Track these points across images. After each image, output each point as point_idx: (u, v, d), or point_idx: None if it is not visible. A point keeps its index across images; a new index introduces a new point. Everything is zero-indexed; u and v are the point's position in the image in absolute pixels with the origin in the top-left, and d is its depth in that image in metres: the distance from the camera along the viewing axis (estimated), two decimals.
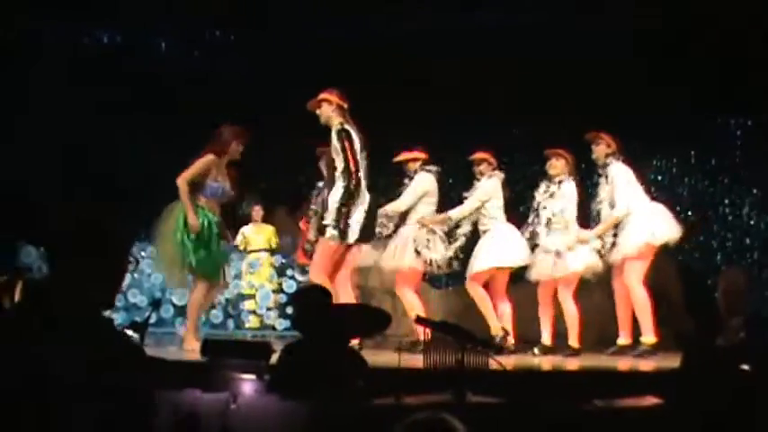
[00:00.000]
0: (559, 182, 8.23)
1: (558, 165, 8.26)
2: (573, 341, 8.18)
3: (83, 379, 2.12)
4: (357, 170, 7.39)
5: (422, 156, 8.49)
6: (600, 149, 8.21)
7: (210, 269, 7.75)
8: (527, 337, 9.33)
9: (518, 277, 8.75)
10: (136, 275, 10.01)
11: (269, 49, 11.25)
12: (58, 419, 2.11)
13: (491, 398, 4.96)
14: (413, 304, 8.21)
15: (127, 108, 10.58)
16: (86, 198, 9.63)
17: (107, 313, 2.45)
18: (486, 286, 8.43)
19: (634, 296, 8.00)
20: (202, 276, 7.78)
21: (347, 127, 7.47)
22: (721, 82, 9.83)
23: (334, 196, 7.42)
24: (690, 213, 10.67)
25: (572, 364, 7.63)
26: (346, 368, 4.96)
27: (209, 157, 7.71)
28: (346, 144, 7.38)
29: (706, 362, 4.54)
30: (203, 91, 10.96)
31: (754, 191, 10.77)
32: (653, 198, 8.62)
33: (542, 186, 8.34)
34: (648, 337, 7.96)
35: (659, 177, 11.07)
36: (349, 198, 7.38)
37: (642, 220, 8.05)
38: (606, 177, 8.20)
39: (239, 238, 10.60)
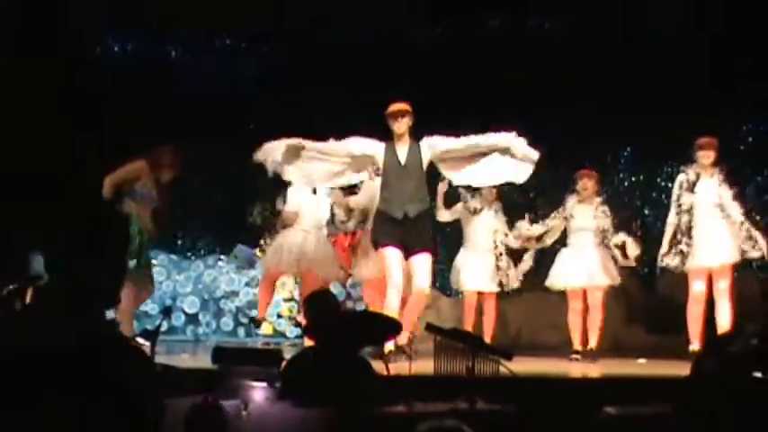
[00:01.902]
0: (601, 201, 8.64)
1: (589, 185, 8.60)
2: (594, 343, 8.52)
3: (81, 380, 2.12)
4: None
5: None
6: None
7: (134, 276, 7.76)
8: (536, 344, 9.36)
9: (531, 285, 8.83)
10: None
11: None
12: (62, 420, 2.11)
13: (501, 405, 4.95)
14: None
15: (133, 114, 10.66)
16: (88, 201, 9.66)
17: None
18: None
19: (726, 304, 8.06)
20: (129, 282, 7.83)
21: None
22: None
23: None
24: None
25: (583, 370, 7.62)
26: (357, 375, 4.96)
27: (141, 163, 7.77)
28: None
29: (717, 369, 4.52)
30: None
31: None
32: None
33: (579, 207, 8.61)
34: None
35: (669, 184, 11.06)
36: None
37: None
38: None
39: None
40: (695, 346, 8.16)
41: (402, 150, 7.53)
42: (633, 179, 11.23)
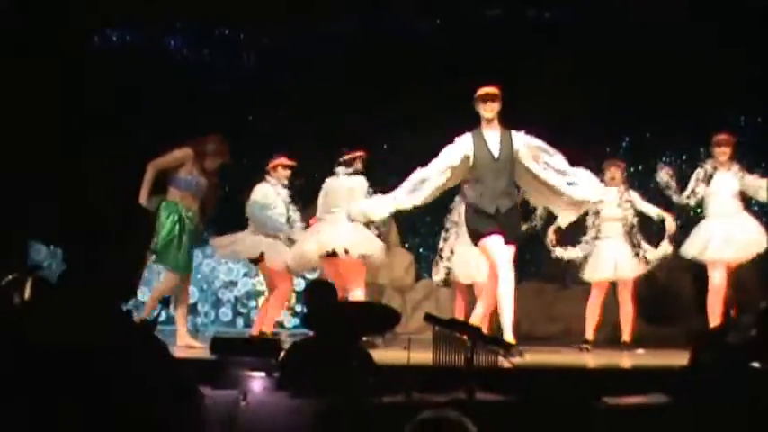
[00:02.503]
0: (626, 190, 8.70)
1: (617, 175, 8.67)
2: (626, 336, 8.56)
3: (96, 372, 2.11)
4: None
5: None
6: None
7: (175, 262, 7.73)
8: (534, 335, 9.35)
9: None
10: (145, 273, 10.04)
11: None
12: (71, 416, 2.11)
13: (500, 396, 4.96)
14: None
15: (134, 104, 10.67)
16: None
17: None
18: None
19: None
20: (169, 269, 7.80)
21: None
22: None
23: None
24: (699, 210, 10.69)
25: (581, 360, 7.62)
26: (355, 365, 4.96)
27: (187, 151, 7.75)
28: None
29: (716, 359, 4.53)
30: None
31: None
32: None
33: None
34: None
35: None
36: None
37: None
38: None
39: None
40: None
41: (493, 140, 7.35)
42: (632, 170, 11.23)
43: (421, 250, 11.48)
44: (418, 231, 11.58)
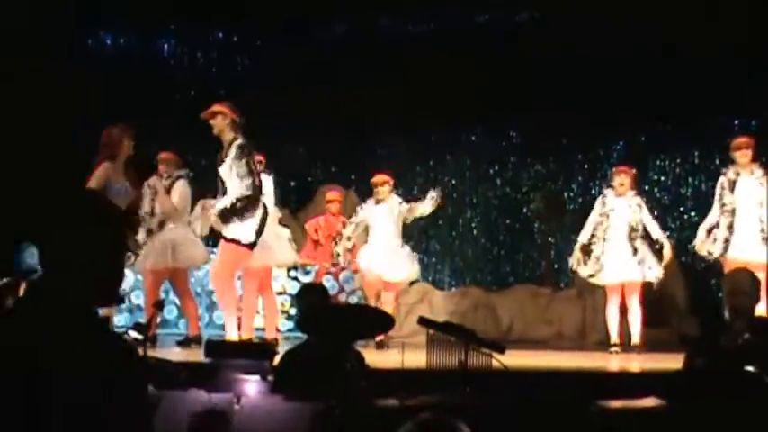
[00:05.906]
0: (635, 195, 8.68)
1: (626, 182, 8.64)
2: (636, 339, 8.44)
3: (74, 377, 2.10)
4: (259, 181, 7.65)
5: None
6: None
7: None
8: (528, 338, 9.36)
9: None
10: (139, 277, 10.00)
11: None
12: (49, 417, 2.09)
13: (494, 398, 4.96)
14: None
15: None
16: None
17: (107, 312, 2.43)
18: None
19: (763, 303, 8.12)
20: None
21: (245, 142, 7.61)
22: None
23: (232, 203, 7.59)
24: (693, 213, 10.72)
25: (575, 363, 7.63)
26: (349, 369, 4.96)
27: (105, 165, 7.74)
28: (249, 158, 7.58)
29: (710, 363, 4.54)
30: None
31: None
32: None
33: (617, 201, 8.61)
34: None
35: (662, 177, 11.12)
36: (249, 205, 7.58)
37: None
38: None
39: None
40: None
41: None
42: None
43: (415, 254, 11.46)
44: (411, 235, 11.58)
